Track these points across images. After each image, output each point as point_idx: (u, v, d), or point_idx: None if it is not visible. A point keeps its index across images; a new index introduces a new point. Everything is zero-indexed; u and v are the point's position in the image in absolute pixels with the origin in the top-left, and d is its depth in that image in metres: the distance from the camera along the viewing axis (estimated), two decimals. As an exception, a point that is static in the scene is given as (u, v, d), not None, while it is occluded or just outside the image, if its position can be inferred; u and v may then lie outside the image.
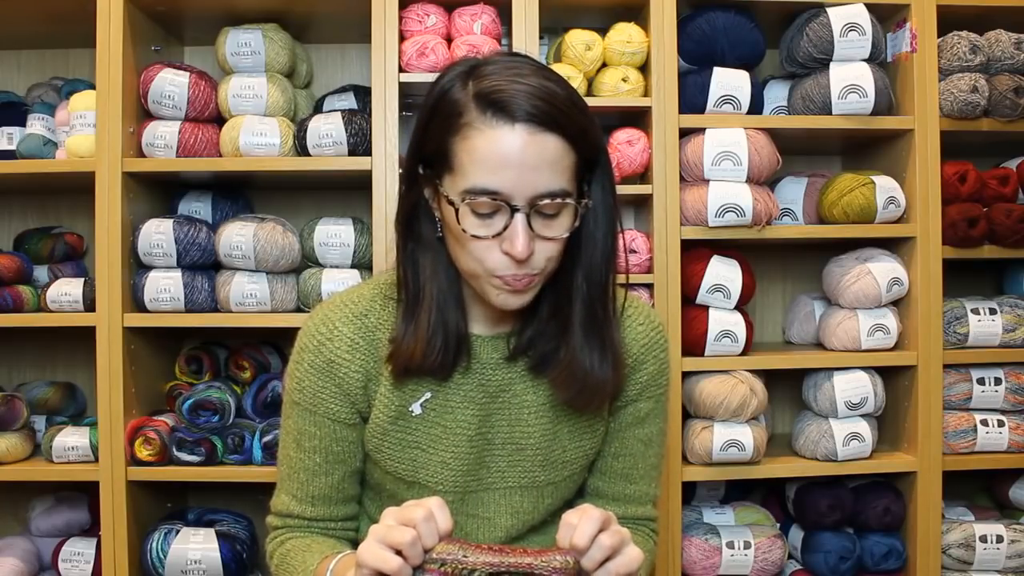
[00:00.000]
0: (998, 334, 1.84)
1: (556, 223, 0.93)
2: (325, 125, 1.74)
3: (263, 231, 1.72)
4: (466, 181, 0.90)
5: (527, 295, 0.97)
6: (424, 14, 1.76)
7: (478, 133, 0.89)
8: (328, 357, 1.04)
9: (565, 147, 0.90)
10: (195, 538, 1.70)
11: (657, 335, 1.12)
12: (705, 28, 1.77)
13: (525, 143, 0.88)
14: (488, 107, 0.89)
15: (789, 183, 1.94)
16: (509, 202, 0.89)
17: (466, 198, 0.90)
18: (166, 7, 1.80)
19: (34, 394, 1.90)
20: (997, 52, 1.80)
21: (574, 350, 1.01)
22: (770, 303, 2.14)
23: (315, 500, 1.07)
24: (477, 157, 0.89)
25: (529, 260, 0.92)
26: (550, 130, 0.89)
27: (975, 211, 1.80)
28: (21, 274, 1.83)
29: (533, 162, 0.88)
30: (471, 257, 0.94)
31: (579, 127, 0.92)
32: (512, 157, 0.88)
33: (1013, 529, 1.82)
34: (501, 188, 0.89)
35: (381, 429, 1.05)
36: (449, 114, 0.91)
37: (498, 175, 0.88)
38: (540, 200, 0.90)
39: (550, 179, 0.90)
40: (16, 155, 1.84)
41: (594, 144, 0.96)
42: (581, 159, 0.94)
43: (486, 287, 0.96)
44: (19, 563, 1.76)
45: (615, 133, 1.80)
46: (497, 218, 0.91)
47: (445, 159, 0.93)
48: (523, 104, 0.88)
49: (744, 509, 1.91)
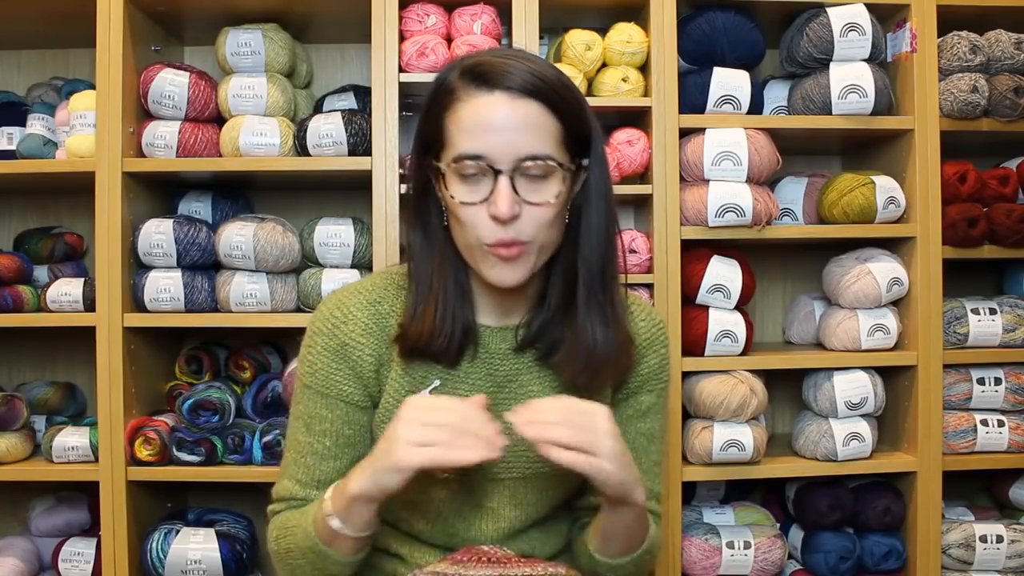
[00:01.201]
0: (998, 334, 1.84)
1: (543, 188, 0.96)
2: (325, 125, 1.74)
3: (263, 231, 1.72)
4: (454, 150, 0.95)
5: (520, 269, 0.98)
6: (424, 14, 1.76)
7: (463, 104, 0.95)
8: (342, 340, 1.05)
9: (547, 114, 0.95)
10: (195, 538, 1.70)
11: (658, 331, 1.14)
12: (705, 28, 1.77)
13: (505, 107, 0.93)
14: (473, 80, 0.95)
15: (789, 183, 1.94)
16: (493, 165, 0.93)
17: (454, 165, 0.95)
18: (166, 7, 1.80)
19: (34, 394, 1.90)
20: (997, 52, 1.80)
21: (576, 328, 1.03)
22: (770, 303, 2.14)
23: (320, 484, 1.06)
24: (463, 126, 0.95)
25: (515, 224, 0.95)
26: (530, 96, 0.94)
27: (975, 211, 1.80)
28: (21, 274, 1.83)
29: (514, 125, 0.93)
30: (465, 229, 0.97)
31: (561, 97, 0.96)
32: (493, 121, 0.93)
33: (1013, 529, 1.82)
34: (484, 151, 0.93)
35: (390, 414, 1.06)
36: (442, 95, 0.98)
37: (480, 139, 0.93)
38: (523, 163, 0.93)
39: (532, 142, 0.94)
40: (16, 155, 1.84)
41: (579, 117, 0.99)
42: (569, 133, 0.97)
43: (481, 264, 0.99)
44: (19, 563, 1.76)
45: (615, 133, 1.80)
46: (484, 184, 0.95)
47: (440, 138, 0.98)
48: (504, 73, 0.94)
49: (744, 509, 1.91)
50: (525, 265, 0.99)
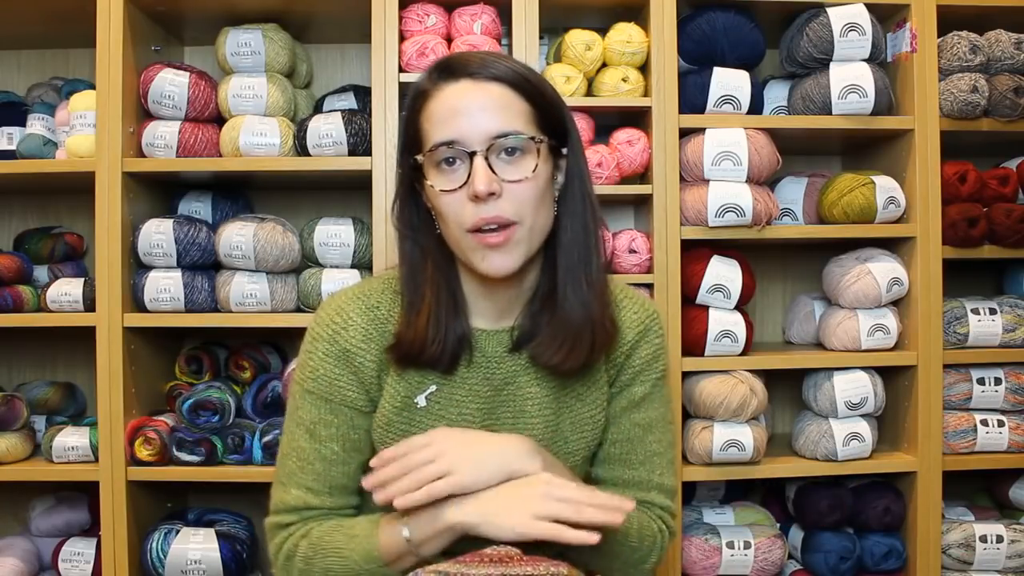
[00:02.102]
0: (998, 334, 1.84)
1: (519, 164, 0.98)
2: (325, 125, 1.74)
3: (263, 231, 1.72)
4: (429, 142, 0.99)
5: (512, 255, 0.98)
6: (424, 14, 1.76)
7: (433, 99, 0.99)
8: (343, 346, 1.05)
9: (514, 95, 0.98)
10: (195, 538, 1.70)
11: (651, 321, 1.14)
12: (705, 28, 1.77)
13: (471, 91, 0.97)
14: (440, 74, 1.00)
15: (789, 183, 1.94)
16: (466, 148, 0.95)
17: (430, 155, 0.97)
18: (166, 7, 1.80)
19: (34, 394, 1.90)
20: (997, 52, 1.80)
21: (555, 312, 1.04)
22: (770, 303, 2.14)
23: (333, 490, 1.06)
24: (434, 118, 0.99)
25: (497, 203, 0.96)
26: (495, 80, 0.98)
27: (975, 211, 1.80)
28: (21, 274, 1.83)
29: (479, 105, 0.97)
30: (449, 222, 0.99)
31: (527, 79, 0.99)
32: (460, 106, 0.97)
33: (1013, 529, 1.82)
34: (455, 136, 0.96)
35: (386, 420, 1.06)
36: (416, 99, 1.02)
37: (450, 125, 0.97)
38: (496, 140, 0.96)
39: (500, 120, 0.97)
40: (16, 155, 1.84)
41: (548, 100, 1.01)
42: (540, 114, 1.00)
43: (472, 256, 0.99)
44: (19, 563, 1.76)
45: (615, 133, 1.80)
46: (461, 170, 0.97)
47: (418, 138, 1.00)
48: (468, 63, 0.99)
49: (744, 509, 1.91)
50: (517, 250, 0.99)
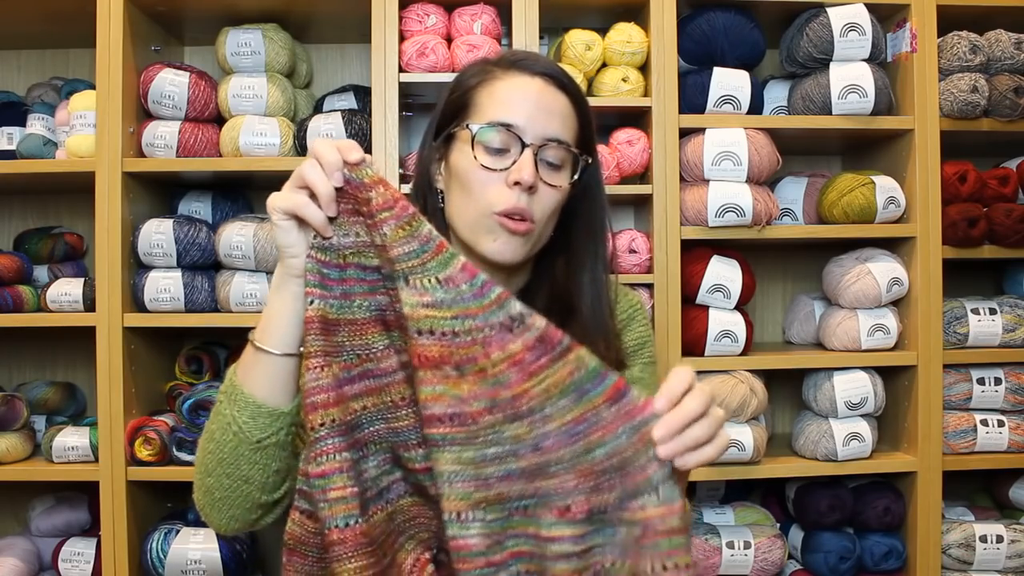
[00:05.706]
0: (998, 334, 1.84)
1: (558, 173, 1.00)
2: (325, 125, 1.74)
3: (263, 231, 1.72)
4: (484, 117, 0.98)
5: (522, 247, 0.99)
6: (424, 14, 1.76)
7: (500, 80, 1.00)
8: None
9: (572, 109, 1.01)
10: (195, 538, 1.70)
11: (635, 310, 1.15)
12: (705, 28, 1.77)
13: (542, 88, 0.99)
14: (511, 64, 1.01)
15: (789, 183, 1.94)
16: (522, 137, 0.96)
17: (483, 129, 0.97)
18: (166, 7, 1.80)
19: (34, 394, 1.90)
20: (997, 52, 1.80)
21: (578, 318, 1.03)
22: (770, 303, 2.14)
23: None
24: (497, 97, 0.99)
25: (531, 199, 0.97)
26: (562, 89, 1.00)
27: (975, 211, 1.80)
28: (21, 274, 1.83)
29: (547, 106, 0.98)
30: (477, 196, 0.98)
31: (583, 99, 1.02)
32: (529, 96, 0.98)
33: (1013, 529, 1.82)
34: (516, 122, 0.97)
35: None
36: (475, 73, 1.02)
37: (514, 110, 0.97)
38: (549, 143, 0.97)
39: (559, 127, 0.99)
40: (16, 155, 1.84)
41: (590, 120, 1.04)
42: (582, 133, 1.02)
43: (484, 237, 0.98)
44: (19, 563, 1.76)
45: (615, 133, 1.80)
46: (507, 156, 0.97)
47: (466, 108, 1.01)
48: (541, 64, 1.01)
49: (744, 509, 1.91)
50: (526, 245, 1.00)
